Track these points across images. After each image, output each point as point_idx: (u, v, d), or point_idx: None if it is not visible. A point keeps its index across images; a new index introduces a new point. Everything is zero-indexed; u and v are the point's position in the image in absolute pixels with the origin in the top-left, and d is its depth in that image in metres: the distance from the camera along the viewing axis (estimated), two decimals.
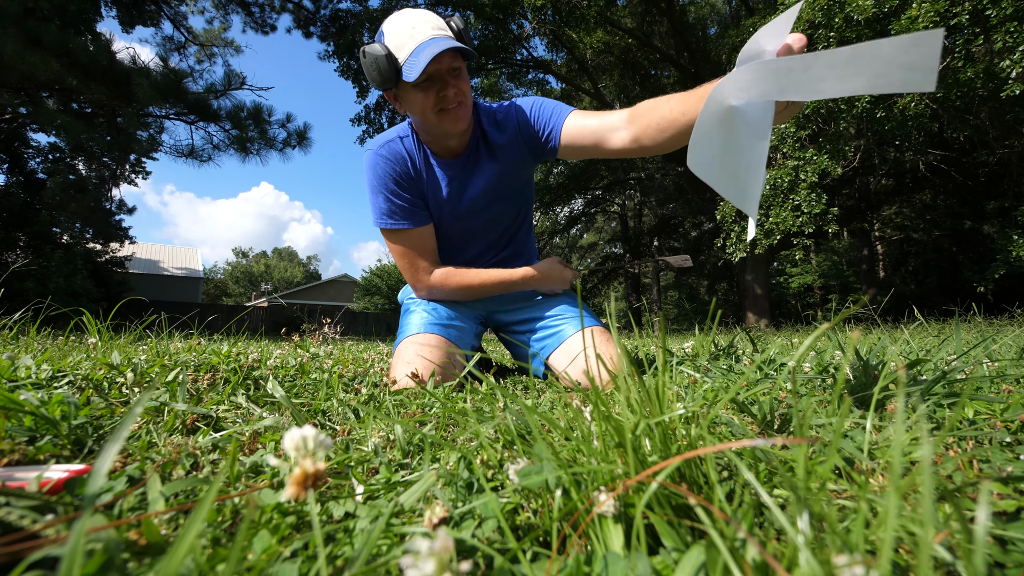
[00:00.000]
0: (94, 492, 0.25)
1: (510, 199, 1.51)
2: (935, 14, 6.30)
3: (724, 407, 0.80)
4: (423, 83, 1.20)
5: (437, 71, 1.18)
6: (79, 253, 11.20)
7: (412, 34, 1.17)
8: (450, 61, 1.18)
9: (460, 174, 1.42)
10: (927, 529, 0.21)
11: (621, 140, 1.18)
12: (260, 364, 1.26)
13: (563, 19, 11.42)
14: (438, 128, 1.28)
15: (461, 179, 1.43)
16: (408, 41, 1.17)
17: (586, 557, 0.32)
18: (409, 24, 1.19)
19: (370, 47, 1.21)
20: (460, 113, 1.26)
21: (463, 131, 1.31)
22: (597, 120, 1.24)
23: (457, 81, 1.22)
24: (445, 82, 1.21)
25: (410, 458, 0.62)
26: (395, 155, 1.38)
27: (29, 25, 6.80)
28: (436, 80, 1.20)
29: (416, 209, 1.41)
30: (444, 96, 1.21)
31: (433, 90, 1.21)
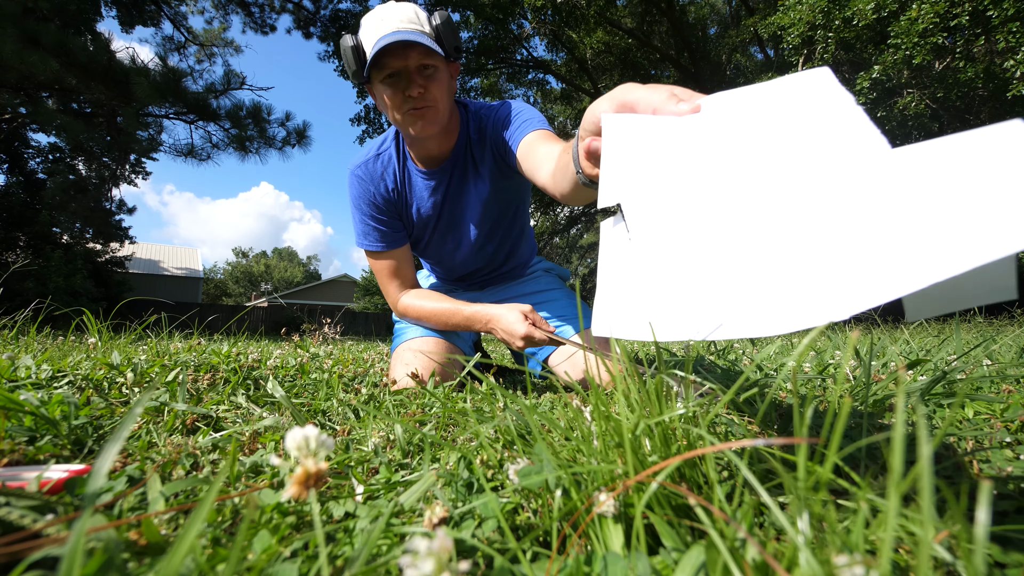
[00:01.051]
0: (94, 492, 0.25)
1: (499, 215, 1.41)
2: (935, 15, 6.30)
3: (724, 407, 0.80)
4: (388, 79, 1.12)
5: (404, 68, 1.10)
6: (79, 253, 11.20)
7: (379, 26, 1.10)
8: (419, 58, 1.10)
9: (444, 186, 1.34)
10: (927, 529, 0.21)
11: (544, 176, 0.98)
12: (260, 364, 1.26)
13: (563, 19, 11.43)
14: (407, 128, 1.20)
15: (445, 193, 1.35)
16: (374, 33, 1.11)
17: (586, 557, 0.32)
18: (379, 16, 1.12)
19: (343, 39, 1.16)
20: (428, 116, 1.16)
21: (433, 136, 1.22)
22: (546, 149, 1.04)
23: (426, 82, 1.13)
24: (411, 80, 1.12)
25: (410, 458, 0.62)
26: (371, 176, 1.32)
27: (28, 25, 6.80)
28: (402, 77, 1.12)
29: (390, 231, 1.35)
30: (408, 96, 1.12)
31: (400, 89, 1.13)
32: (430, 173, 1.32)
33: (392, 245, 1.36)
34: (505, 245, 1.52)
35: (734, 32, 13.42)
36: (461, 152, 1.32)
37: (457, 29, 1.18)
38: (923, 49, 6.46)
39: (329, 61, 12.54)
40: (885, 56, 7.01)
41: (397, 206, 1.36)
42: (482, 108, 1.33)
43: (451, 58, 1.17)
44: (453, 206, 1.37)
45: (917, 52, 6.51)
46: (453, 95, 1.23)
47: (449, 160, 1.31)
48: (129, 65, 8.06)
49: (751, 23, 11.95)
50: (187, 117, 9.32)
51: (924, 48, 6.44)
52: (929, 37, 6.38)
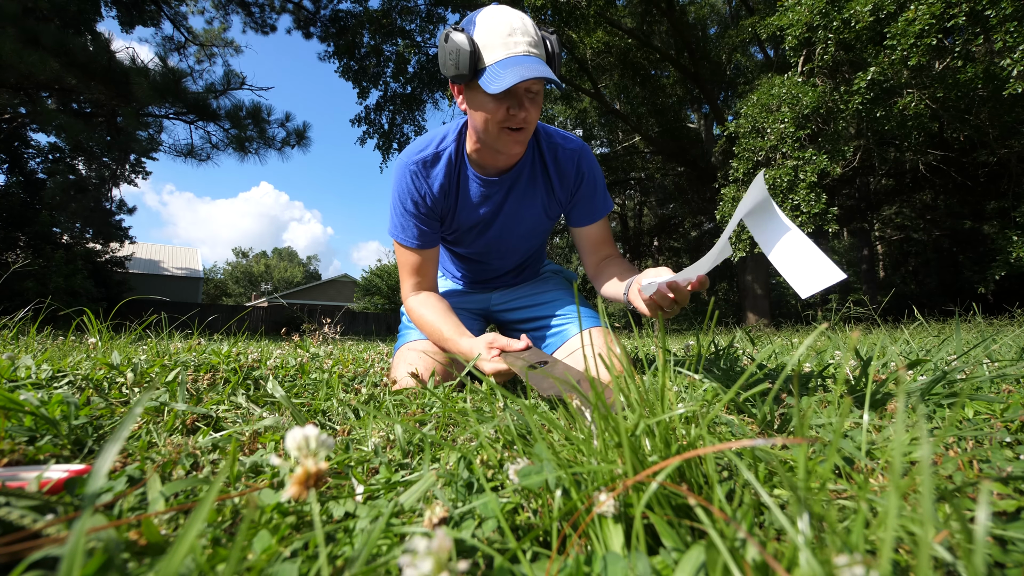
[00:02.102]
0: (94, 492, 0.25)
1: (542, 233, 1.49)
2: (931, 16, 6.30)
3: (724, 407, 0.80)
4: (500, 95, 1.11)
5: (518, 89, 1.11)
6: (79, 253, 11.21)
7: (506, 41, 1.08)
8: (537, 84, 1.12)
9: (499, 197, 1.35)
10: (927, 529, 0.21)
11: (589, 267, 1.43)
12: (260, 364, 1.26)
13: (563, 19, 11.41)
14: (494, 143, 1.20)
15: (500, 204, 1.36)
16: (499, 47, 1.08)
17: (586, 557, 0.32)
18: (506, 28, 1.09)
19: (456, 34, 1.11)
20: (521, 138, 1.18)
21: (517, 155, 1.24)
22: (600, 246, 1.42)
23: (532, 106, 1.14)
24: (520, 103, 1.12)
25: (410, 458, 0.62)
26: (424, 172, 1.31)
27: (28, 24, 6.80)
28: (512, 96, 1.11)
29: (427, 231, 1.34)
30: (514, 116, 1.13)
31: (504, 106, 1.12)
32: (487, 181, 1.32)
33: (424, 245, 1.35)
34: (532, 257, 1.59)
35: (734, 32, 13.40)
36: (526, 169, 1.33)
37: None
38: (919, 50, 6.46)
39: (329, 61, 12.53)
40: (881, 58, 7.01)
41: (442, 207, 1.34)
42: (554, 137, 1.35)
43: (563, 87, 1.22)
44: (506, 219, 1.39)
45: (913, 53, 6.51)
46: None
47: (511, 174, 1.32)
48: (129, 65, 8.06)
49: (750, 23, 11.95)
50: (187, 117, 9.32)
51: (920, 49, 6.45)
52: (925, 38, 6.38)
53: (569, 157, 1.34)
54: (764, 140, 8.21)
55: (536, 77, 1.04)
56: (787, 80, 8.15)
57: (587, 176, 1.36)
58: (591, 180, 1.36)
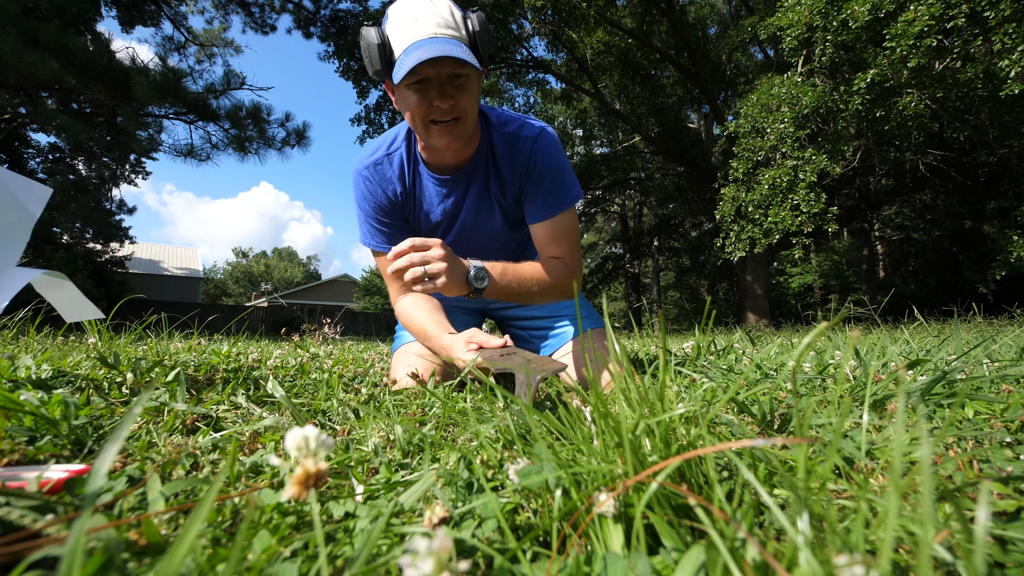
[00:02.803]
0: (94, 492, 0.25)
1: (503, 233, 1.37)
2: (930, 17, 6.30)
3: (724, 407, 0.80)
4: (415, 85, 1.04)
5: (435, 76, 1.02)
6: (79, 253, 11.20)
7: (412, 26, 1.01)
8: (453, 67, 1.02)
9: (458, 195, 1.28)
10: (927, 529, 0.21)
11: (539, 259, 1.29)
12: (260, 364, 1.26)
13: (563, 19, 11.42)
14: (426, 139, 1.14)
15: (459, 202, 1.29)
16: (406, 33, 1.01)
17: (586, 557, 0.32)
18: (413, 14, 1.03)
19: (366, 30, 1.07)
20: (454, 131, 1.09)
21: (454, 150, 1.16)
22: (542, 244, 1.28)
23: (457, 93, 1.05)
24: (441, 91, 1.04)
25: (410, 458, 0.62)
26: (378, 176, 1.27)
27: (28, 24, 6.79)
28: (432, 85, 1.04)
29: (395, 233, 1.30)
30: (437, 107, 1.05)
31: (427, 96, 1.04)
32: (441, 180, 1.26)
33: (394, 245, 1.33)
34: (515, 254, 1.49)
35: (734, 32, 13.41)
36: (482, 164, 1.25)
37: (490, 33, 1.10)
38: (919, 51, 6.46)
39: (329, 61, 12.53)
40: (880, 59, 7.01)
41: (404, 209, 1.31)
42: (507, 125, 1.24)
43: (484, 65, 1.10)
44: (467, 217, 1.31)
45: (913, 54, 6.52)
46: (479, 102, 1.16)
47: (466, 170, 1.25)
48: (129, 65, 8.06)
49: (750, 23, 11.95)
50: (187, 117, 9.31)
51: (920, 50, 6.45)
52: (925, 39, 6.38)
53: (522, 146, 1.22)
54: (764, 140, 8.21)
55: (435, 57, 0.95)
56: (787, 80, 8.15)
57: (537, 167, 1.22)
58: (541, 171, 1.23)
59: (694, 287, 23.30)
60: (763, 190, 8.01)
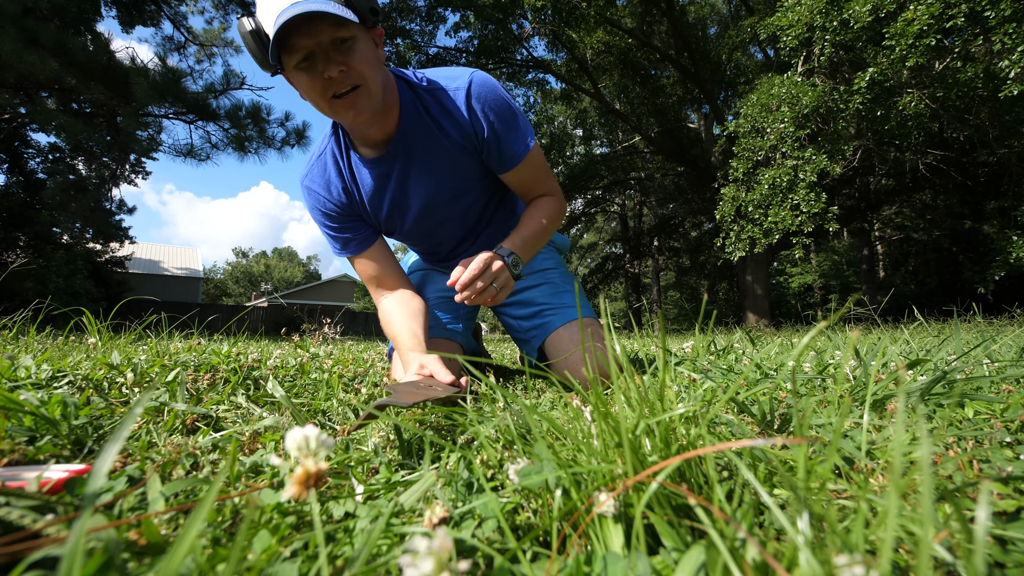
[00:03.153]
0: (94, 492, 0.25)
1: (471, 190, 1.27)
2: (930, 17, 6.30)
3: (724, 407, 0.80)
4: (302, 64, 0.92)
5: (316, 46, 0.90)
6: (79, 253, 11.20)
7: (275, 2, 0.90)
8: (332, 31, 0.89)
9: (396, 171, 1.18)
10: (927, 529, 0.21)
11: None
12: (260, 364, 1.26)
13: (563, 19, 11.42)
14: (337, 119, 1.03)
15: (400, 177, 1.19)
16: (270, 9, 0.90)
17: (586, 557, 0.32)
18: None
19: (239, 22, 0.95)
20: (360, 100, 0.97)
21: (366, 122, 1.04)
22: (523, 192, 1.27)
23: (346, 58, 0.92)
24: (327, 59, 0.92)
25: (410, 458, 0.62)
26: (318, 182, 1.22)
27: (27, 24, 6.80)
28: (318, 60, 0.92)
29: (352, 235, 1.26)
30: (329, 78, 0.93)
31: (317, 71, 0.93)
32: (376, 161, 1.16)
33: (359, 248, 1.27)
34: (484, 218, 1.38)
35: (734, 32, 13.41)
36: (411, 131, 1.13)
37: None
38: (918, 51, 6.46)
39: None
40: (880, 58, 7.02)
41: (351, 206, 1.25)
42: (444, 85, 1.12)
43: (369, 24, 0.97)
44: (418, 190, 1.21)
45: (912, 54, 6.52)
46: (382, 65, 1.04)
47: (395, 142, 1.13)
48: (129, 65, 8.06)
49: (750, 23, 11.95)
50: (187, 117, 9.32)
51: (919, 50, 6.45)
52: (924, 39, 6.38)
53: (454, 99, 1.11)
54: (764, 140, 8.21)
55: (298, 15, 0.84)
56: (787, 80, 8.16)
57: (481, 112, 1.10)
58: (489, 117, 1.11)
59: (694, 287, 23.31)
60: (763, 190, 8.01)
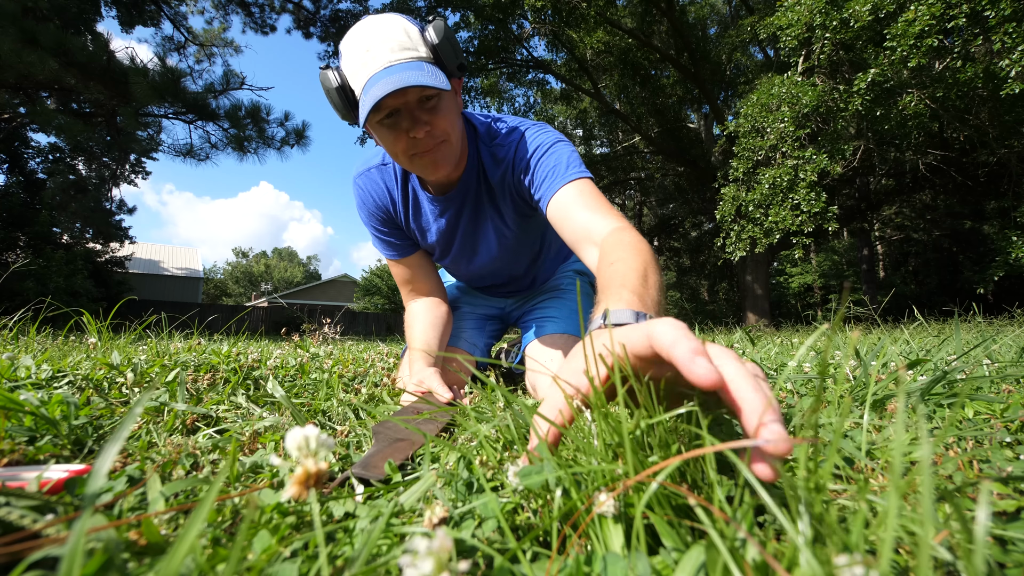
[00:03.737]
0: (94, 492, 0.25)
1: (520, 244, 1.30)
2: (931, 17, 6.30)
3: None
4: (385, 120, 0.95)
5: (403, 105, 0.93)
6: (79, 253, 11.21)
7: (365, 59, 0.92)
8: (419, 92, 0.92)
9: (452, 214, 1.21)
10: (927, 529, 0.21)
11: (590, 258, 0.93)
12: (260, 364, 1.26)
13: (563, 19, 11.42)
14: (416, 172, 1.07)
15: (455, 221, 1.23)
16: (361, 69, 0.93)
17: (586, 557, 0.32)
18: (364, 44, 0.93)
19: (323, 74, 0.99)
20: (439, 157, 1.00)
21: (445, 175, 1.08)
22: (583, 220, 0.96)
23: (432, 117, 0.95)
24: (413, 120, 0.94)
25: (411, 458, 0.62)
26: (373, 186, 1.23)
27: (27, 24, 6.80)
28: (403, 116, 0.94)
29: (397, 242, 1.29)
30: (414, 139, 0.96)
31: (401, 129, 0.95)
32: (435, 199, 1.20)
33: (402, 255, 1.30)
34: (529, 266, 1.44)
35: (734, 32, 13.42)
36: (472, 182, 1.17)
37: (455, 39, 0.99)
38: (919, 51, 6.47)
39: (329, 61, 12.53)
40: (880, 59, 7.02)
41: (399, 222, 1.28)
42: (496, 136, 1.15)
43: (454, 77, 1.01)
44: (465, 236, 1.27)
45: (913, 54, 6.52)
46: (460, 115, 1.07)
47: (458, 190, 1.17)
48: (128, 65, 8.06)
49: (749, 23, 11.95)
50: (186, 117, 9.32)
51: (920, 50, 6.46)
52: (925, 39, 6.38)
53: (505, 149, 1.12)
54: (764, 139, 8.22)
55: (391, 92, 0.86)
56: (787, 80, 8.16)
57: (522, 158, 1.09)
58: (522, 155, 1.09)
59: (694, 287, 23.31)
60: (763, 189, 8.01)
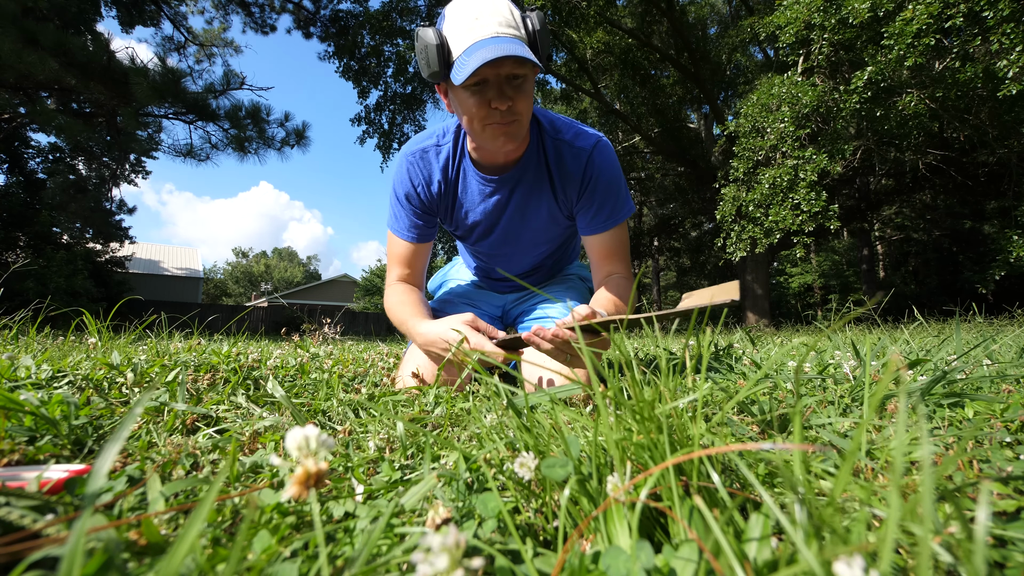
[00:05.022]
0: (94, 492, 0.25)
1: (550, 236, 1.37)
2: (929, 16, 6.30)
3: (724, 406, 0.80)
4: (473, 86, 1.01)
5: (494, 77, 1.00)
6: (79, 253, 11.21)
7: (473, 26, 0.99)
8: (512, 67, 0.99)
9: (503, 196, 1.26)
10: (927, 529, 0.21)
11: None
12: (260, 364, 1.26)
13: (563, 19, 11.42)
14: (483, 141, 1.13)
15: (501, 203, 1.28)
16: (466, 33, 0.99)
17: (592, 555, 0.32)
18: (473, 13, 1.00)
19: (423, 31, 1.04)
20: (511, 132, 1.07)
21: (509, 152, 1.15)
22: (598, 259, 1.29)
23: (516, 94, 1.02)
24: (500, 92, 1.01)
25: (411, 459, 0.62)
26: (421, 166, 1.26)
27: (27, 24, 6.80)
28: (490, 86, 1.02)
29: (418, 225, 1.31)
30: (496, 109, 1.02)
31: (486, 98, 1.02)
32: (488, 180, 1.25)
33: (415, 239, 1.32)
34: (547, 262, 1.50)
35: (734, 32, 13.41)
36: (532, 166, 1.23)
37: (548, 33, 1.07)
38: (916, 51, 6.46)
39: (329, 61, 12.53)
40: (877, 58, 7.02)
41: (439, 204, 1.30)
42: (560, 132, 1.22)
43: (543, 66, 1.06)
44: (512, 217, 1.30)
45: (911, 54, 6.52)
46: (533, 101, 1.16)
47: (514, 171, 1.23)
48: (128, 65, 8.06)
49: (749, 24, 11.95)
50: (186, 117, 9.32)
51: (918, 50, 6.45)
52: (923, 39, 6.38)
53: (576, 156, 1.20)
54: (764, 140, 8.22)
55: (501, 56, 0.93)
56: (787, 80, 8.16)
57: (594, 180, 1.21)
58: (597, 184, 1.21)
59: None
60: (764, 189, 8.01)
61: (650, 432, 0.41)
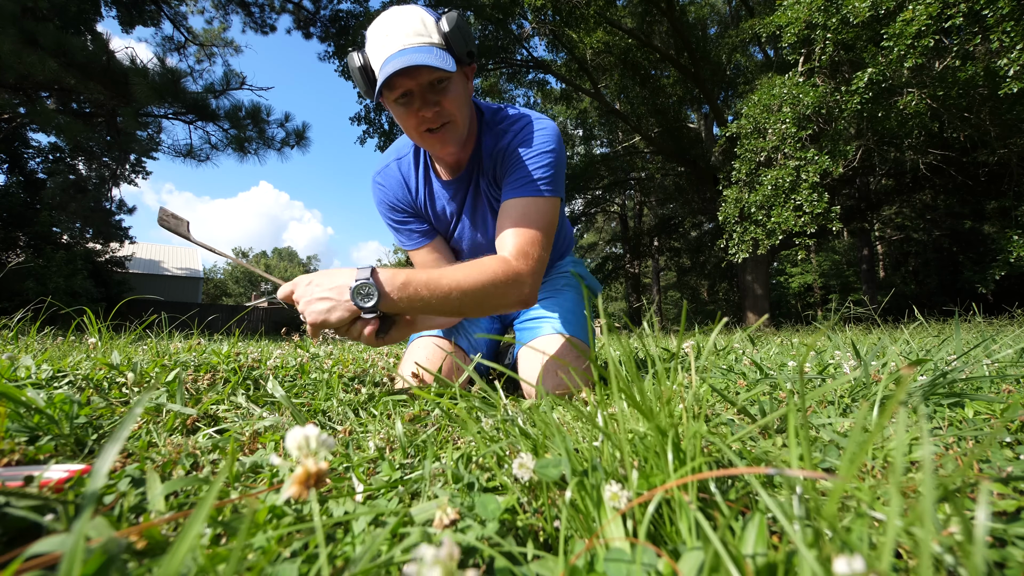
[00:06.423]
0: (94, 492, 0.25)
1: None
2: (928, 16, 6.30)
3: (724, 406, 0.80)
4: (401, 99, 1.05)
5: (415, 86, 1.03)
6: (79, 253, 11.21)
7: (384, 43, 1.03)
8: (430, 75, 1.02)
9: (460, 196, 1.31)
10: (927, 529, 0.21)
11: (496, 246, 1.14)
12: (260, 364, 1.26)
13: (563, 19, 11.42)
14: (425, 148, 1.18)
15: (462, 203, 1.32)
16: (380, 51, 1.03)
17: (591, 556, 0.32)
18: (384, 30, 1.04)
19: (350, 56, 1.11)
20: (447, 136, 1.10)
21: (451, 153, 1.17)
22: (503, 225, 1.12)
23: (440, 98, 1.05)
24: (424, 99, 1.04)
25: (410, 458, 0.62)
26: (390, 181, 1.33)
27: (26, 24, 6.79)
28: (415, 96, 1.05)
29: (417, 227, 1.36)
30: (423, 116, 1.06)
31: (413, 108, 1.06)
32: (447, 183, 1.30)
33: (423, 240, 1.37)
34: None
35: (734, 32, 13.41)
36: (478, 163, 1.26)
37: (469, 29, 1.09)
38: (916, 51, 6.46)
39: (329, 61, 12.52)
40: (878, 59, 7.01)
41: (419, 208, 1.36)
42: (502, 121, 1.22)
43: (464, 64, 1.09)
44: (466, 218, 1.34)
45: (911, 54, 6.51)
46: (470, 100, 1.17)
47: (465, 171, 1.27)
48: (128, 65, 8.06)
49: (749, 24, 11.95)
50: (186, 117, 9.31)
51: (917, 50, 6.45)
52: (923, 39, 6.38)
53: (501, 134, 1.20)
54: (766, 140, 8.21)
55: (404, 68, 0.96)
56: (788, 80, 8.15)
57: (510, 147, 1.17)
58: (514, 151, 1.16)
59: (694, 287, 23.31)
60: (766, 190, 8.00)
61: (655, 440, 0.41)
